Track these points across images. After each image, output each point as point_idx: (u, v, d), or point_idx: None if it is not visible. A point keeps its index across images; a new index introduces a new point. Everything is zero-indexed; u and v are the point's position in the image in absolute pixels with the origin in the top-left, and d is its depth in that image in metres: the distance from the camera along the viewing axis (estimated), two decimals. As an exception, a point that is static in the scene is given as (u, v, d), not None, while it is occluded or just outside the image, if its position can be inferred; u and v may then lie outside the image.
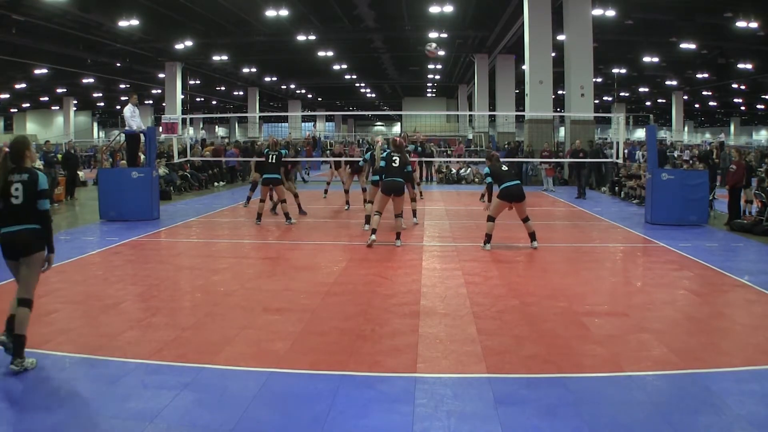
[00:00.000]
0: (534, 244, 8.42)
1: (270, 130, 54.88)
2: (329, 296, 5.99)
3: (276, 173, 10.69)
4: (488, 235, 8.41)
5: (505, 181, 8.31)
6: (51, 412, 3.45)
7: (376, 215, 8.55)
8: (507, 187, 8.28)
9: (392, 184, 8.48)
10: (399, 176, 8.53)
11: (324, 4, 22.40)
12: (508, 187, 8.29)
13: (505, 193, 8.29)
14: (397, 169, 8.54)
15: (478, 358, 4.32)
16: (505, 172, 8.44)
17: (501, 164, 8.65)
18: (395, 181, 8.50)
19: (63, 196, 15.23)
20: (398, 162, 8.58)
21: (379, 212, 8.57)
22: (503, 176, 8.36)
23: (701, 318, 5.39)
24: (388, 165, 8.61)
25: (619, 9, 19.75)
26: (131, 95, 13.01)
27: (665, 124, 51.87)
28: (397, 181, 8.51)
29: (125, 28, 22.41)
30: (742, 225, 10.17)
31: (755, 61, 28.12)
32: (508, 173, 8.42)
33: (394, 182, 8.49)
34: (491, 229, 8.42)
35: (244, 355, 4.39)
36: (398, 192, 8.51)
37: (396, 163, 8.57)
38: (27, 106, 46.04)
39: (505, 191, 8.29)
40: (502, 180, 8.34)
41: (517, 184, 8.36)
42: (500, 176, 8.38)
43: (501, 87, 29.97)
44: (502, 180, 8.34)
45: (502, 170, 8.46)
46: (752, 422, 3.36)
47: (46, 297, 5.93)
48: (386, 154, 8.79)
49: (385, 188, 8.51)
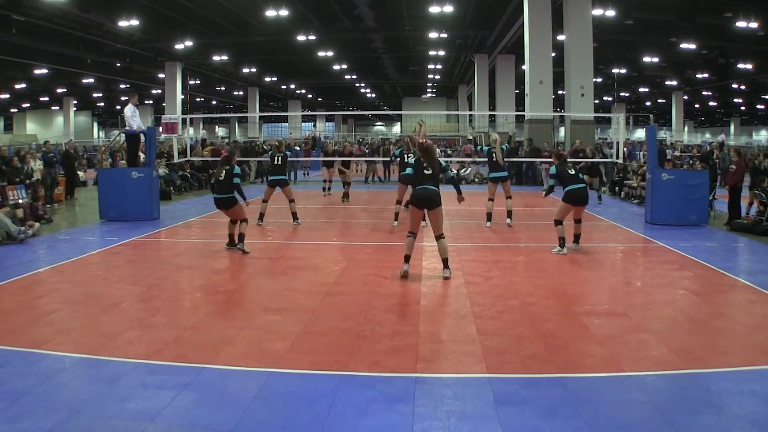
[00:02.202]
0: (574, 245, 8.34)
1: (270, 130, 54.94)
2: (329, 296, 5.99)
3: (282, 174, 10.72)
4: (561, 238, 8.15)
5: (571, 184, 8.17)
6: (51, 412, 3.45)
7: (410, 237, 6.76)
8: (573, 190, 8.14)
9: (424, 194, 6.70)
10: (431, 184, 6.74)
11: (324, 4, 22.40)
12: (575, 189, 8.14)
13: (571, 196, 8.15)
14: (428, 177, 6.78)
15: (478, 358, 4.32)
16: (572, 175, 8.24)
17: (568, 165, 8.42)
18: (427, 189, 6.69)
19: (63, 196, 15.23)
20: (430, 170, 6.83)
21: (413, 233, 6.77)
22: (569, 179, 8.21)
23: (701, 318, 5.39)
24: (418, 172, 6.86)
25: (619, 9, 19.75)
26: (131, 95, 13.00)
27: (665, 124, 51.87)
28: (429, 189, 6.69)
29: (125, 28, 22.41)
30: (742, 225, 10.16)
31: (755, 61, 28.11)
32: (574, 176, 8.25)
33: (426, 191, 6.69)
34: (562, 231, 8.19)
35: (244, 355, 4.39)
36: (432, 203, 6.67)
37: (428, 171, 6.81)
38: (27, 106, 46.03)
39: (572, 194, 8.15)
40: (567, 182, 8.19)
41: (582, 188, 8.25)
42: (566, 179, 8.23)
43: (501, 87, 29.97)
44: (567, 182, 8.20)
45: (569, 173, 8.25)
46: (752, 422, 3.36)
47: (46, 297, 5.93)
48: (414, 159, 7.17)
49: (416, 200, 6.78)
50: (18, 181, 11.33)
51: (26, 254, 8.10)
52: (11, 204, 9.82)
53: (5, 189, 10.22)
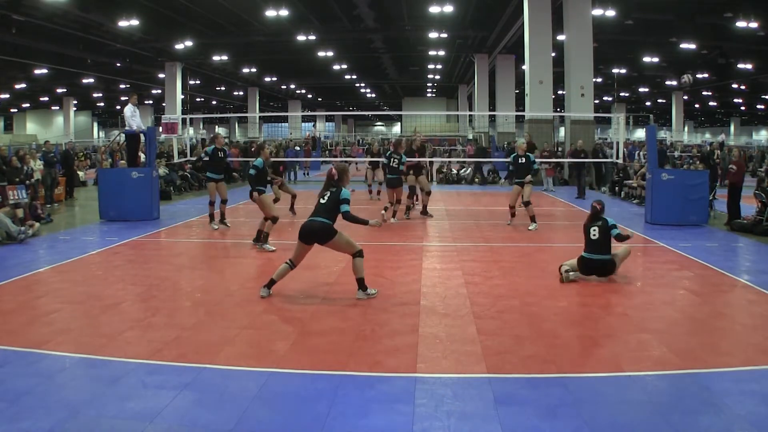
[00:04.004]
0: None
1: (270, 130, 54.95)
2: (329, 296, 5.99)
3: (220, 173, 10.30)
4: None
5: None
6: (51, 412, 3.45)
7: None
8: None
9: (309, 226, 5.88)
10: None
11: (324, 4, 22.39)
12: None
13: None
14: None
15: (478, 358, 4.32)
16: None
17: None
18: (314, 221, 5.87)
19: (63, 196, 15.23)
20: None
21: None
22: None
23: (701, 318, 5.39)
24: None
25: (619, 9, 19.74)
26: (131, 95, 13.00)
27: (665, 124, 51.87)
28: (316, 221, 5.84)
29: (125, 28, 22.41)
30: (742, 225, 10.16)
31: (755, 61, 28.11)
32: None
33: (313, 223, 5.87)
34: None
35: (244, 355, 4.39)
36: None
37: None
38: (27, 106, 46.05)
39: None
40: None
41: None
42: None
43: (501, 87, 29.98)
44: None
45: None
46: (752, 422, 3.36)
47: (46, 297, 5.94)
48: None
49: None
50: (18, 181, 11.33)
51: (26, 254, 8.10)
52: (11, 204, 9.82)
53: (5, 189, 10.22)
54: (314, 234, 5.77)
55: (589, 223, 6.77)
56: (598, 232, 6.59)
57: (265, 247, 8.25)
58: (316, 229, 5.76)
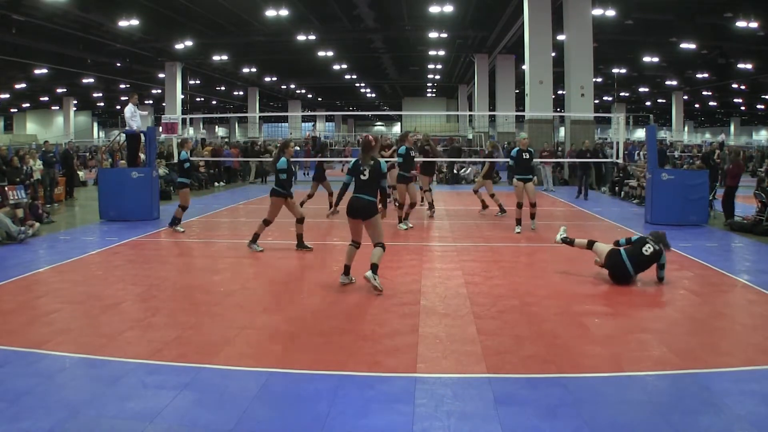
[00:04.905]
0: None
1: (270, 130, 54.98)
2: (329, 296, 5.99)
3: (186, 177, 10.17)
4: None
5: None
6: (51, 412, 3.45)
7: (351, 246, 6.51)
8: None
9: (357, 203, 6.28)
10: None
11: (324, 4, 22.40)
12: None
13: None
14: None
15: (478, 358, 4.32)
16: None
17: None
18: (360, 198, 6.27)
19: (63, 196, 15.23)
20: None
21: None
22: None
23: (701, 318, 5.39)
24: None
25: (619, 9, 19.76)
26: (131, 95, 13.01)
27: (665, 124, 51.88)
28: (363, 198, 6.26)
29: (125, 28, 22.42)
30: (742, 225, 10.16)
31: (755, 61, 28.12)
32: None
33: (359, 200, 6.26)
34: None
35: (244, 355, 4.39)
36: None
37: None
38: (27, 106, 46.05)
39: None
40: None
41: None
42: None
43: (501, 87, 29.97)
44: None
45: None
46: (752, 422, 3.36)
47: (46, 297, 5.93)
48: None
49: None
50: (18, 181, 11.33)
51: (26, 254, 8.10)
52: (11, 204, 9.82)
53: (5, 189, 10.22)
54: (358, 211, 6.25)
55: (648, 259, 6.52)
56: (650, 259, 6.52)
57: (252, 247, 8.23)
58: (361, 206, 6.23)
